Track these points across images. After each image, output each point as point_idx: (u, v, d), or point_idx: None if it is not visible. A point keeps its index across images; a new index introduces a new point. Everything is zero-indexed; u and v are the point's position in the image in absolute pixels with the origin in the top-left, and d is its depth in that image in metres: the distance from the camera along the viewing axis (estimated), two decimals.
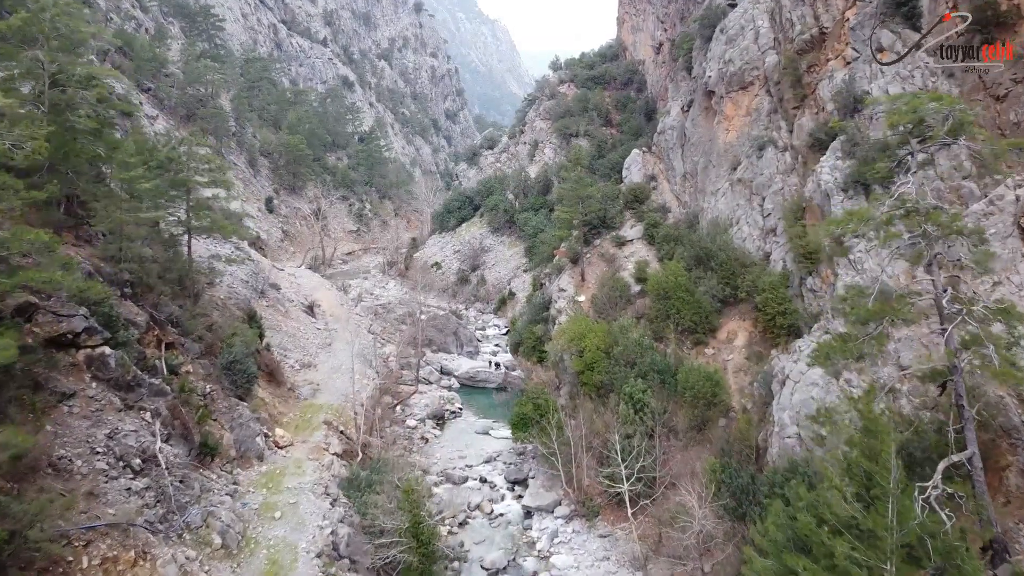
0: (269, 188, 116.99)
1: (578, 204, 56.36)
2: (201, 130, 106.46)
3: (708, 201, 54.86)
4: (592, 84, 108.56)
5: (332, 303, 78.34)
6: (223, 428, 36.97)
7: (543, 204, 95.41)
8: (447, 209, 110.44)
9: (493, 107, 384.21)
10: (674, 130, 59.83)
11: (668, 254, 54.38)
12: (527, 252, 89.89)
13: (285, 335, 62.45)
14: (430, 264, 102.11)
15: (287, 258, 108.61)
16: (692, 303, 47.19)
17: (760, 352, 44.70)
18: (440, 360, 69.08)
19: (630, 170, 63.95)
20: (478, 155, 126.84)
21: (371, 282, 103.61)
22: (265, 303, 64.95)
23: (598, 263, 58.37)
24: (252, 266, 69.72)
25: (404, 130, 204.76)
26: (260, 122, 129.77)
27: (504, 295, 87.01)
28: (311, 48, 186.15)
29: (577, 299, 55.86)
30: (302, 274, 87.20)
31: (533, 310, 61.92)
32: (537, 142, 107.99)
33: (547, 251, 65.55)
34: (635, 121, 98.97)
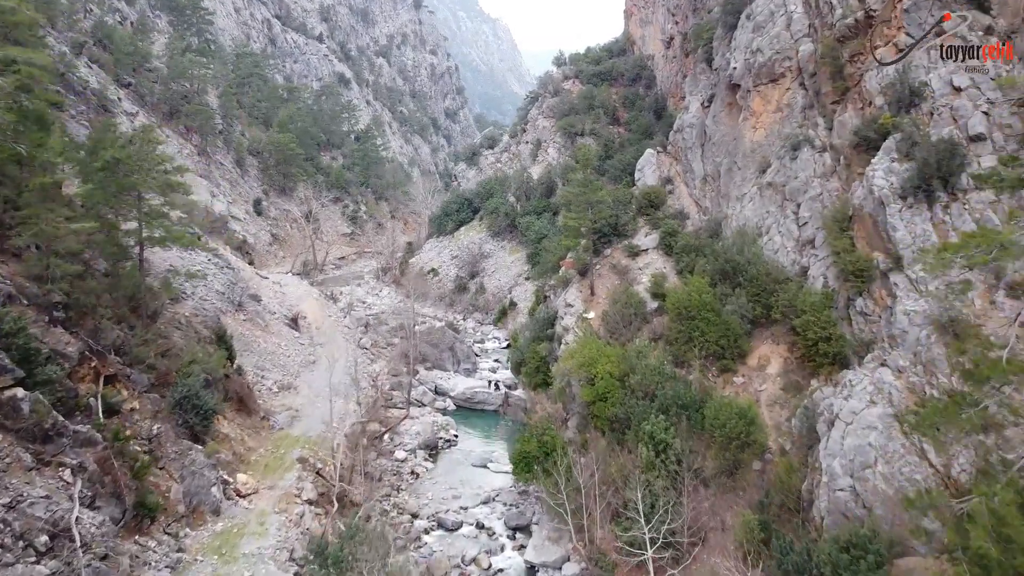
0: (258, 189, 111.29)
1: (587, 210, 50.60)
2: (186, 127, 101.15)
3: (733, 207, 49.08)
4: (598, 80, 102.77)
5: (319, 314, 72.63)
6: (172, 478, 31.23)
7: (546, 207, 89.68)
8: (445, 212, 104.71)
9: (494, 106, 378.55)
10: (693, 128, 54.07)
11: (688, 266, 48.59)
12: (529, 259, 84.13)
13: (263, 353, 56.74)
14: (426, 270, 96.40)
15: (276, 263, 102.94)
16: (718, 324, 41.40)
17: (798, 382, 38.91)
18: (435, 379, 63.30)
19: (643, 172, 58.20)
20: (478, 155, 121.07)
21: (364, 289, 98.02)
22: (243, 317, 59.25)
23: (609, 275, 52.62)
24: (230, 275, 64.06)
25: (402, 129, 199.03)
26: (250, 120, 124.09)
27: (505, 305, 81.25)
28: (306, 44, 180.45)
29: (586, 316, 50.10)
30: (288, 282, 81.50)
31: (536, 326, 56.16)
32: (540, 141, 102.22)
33: (552, 261, 59.69)
34: (644, 119, 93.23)
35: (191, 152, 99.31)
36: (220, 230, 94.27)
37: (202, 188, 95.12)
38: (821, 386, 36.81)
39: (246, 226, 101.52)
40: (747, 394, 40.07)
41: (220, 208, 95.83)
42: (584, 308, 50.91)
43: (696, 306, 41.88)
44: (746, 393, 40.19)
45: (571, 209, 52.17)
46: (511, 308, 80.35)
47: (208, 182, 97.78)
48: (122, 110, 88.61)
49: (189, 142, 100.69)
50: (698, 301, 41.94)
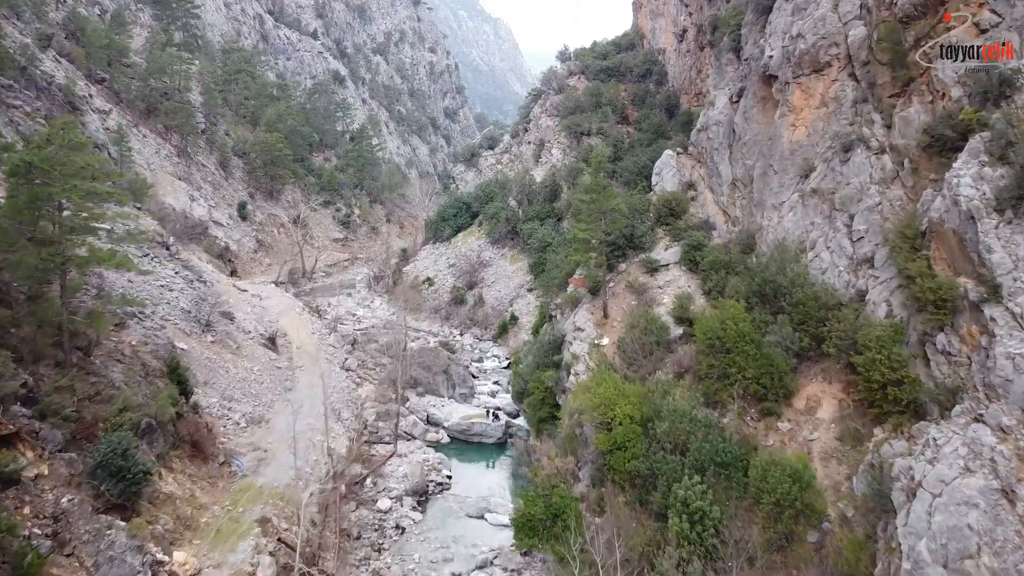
0: (243, 192, 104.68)
1: (599, 220, 43.96)
2: (165, 127, 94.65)
3: (768, 217, 42.46)
4: (605, 76, 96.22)
5: (301, 331, 66.04)
6: (82, 567, 24.62)
7: (550, 212, 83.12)
8: (441, 216, 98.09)
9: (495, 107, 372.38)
10: (720, 126, 47.46)
11: (717, 286, 42.00)
12: (532, 268, 77.56)
13: (232, 381, 50.11)
14: (421, 280, 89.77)
15: (262, 271, 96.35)
16: (759, 359, 34.80)
17: (857, 431, 32.35)
18: (427, 406, 56.67)
19: (662, 176, 51.57)
20: (477, 156, 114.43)
21: (355, 299, 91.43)
22: (210, 338, 52.65)
23: (624, 295, 45.98)
24: (199, 290, 57.49)
25: (400, 129, 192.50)
26: (236, 119, 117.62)
27: (505, 320, 74.64)
28: (300, 41, 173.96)
29: (599, 342, 43.51)
30: (270, 294, 74.88)
31: (541, 350, 49.56)
32: (543, 141, 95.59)
33: (558, 277, 52.94)
34: (655, 118, 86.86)
35: (170, 153, 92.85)
36: (199, 236, 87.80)
37: (181, 191, 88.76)
38: (889, 439, 30.26)
39: (229, 232, 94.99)
40: (795, 444, 33.47)
41: (200, 213, 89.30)
42: (596, 333, 44.30)
43: (732, 337, 35.23)
44: (793, 443, 33.59)
45: (581, 219, 45.54)
46: (512, 323, 73.76)
47: (188, 185, 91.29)
48: (93, 108, 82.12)
49: (168, 142, 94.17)
50: (734, 331, 35.30)
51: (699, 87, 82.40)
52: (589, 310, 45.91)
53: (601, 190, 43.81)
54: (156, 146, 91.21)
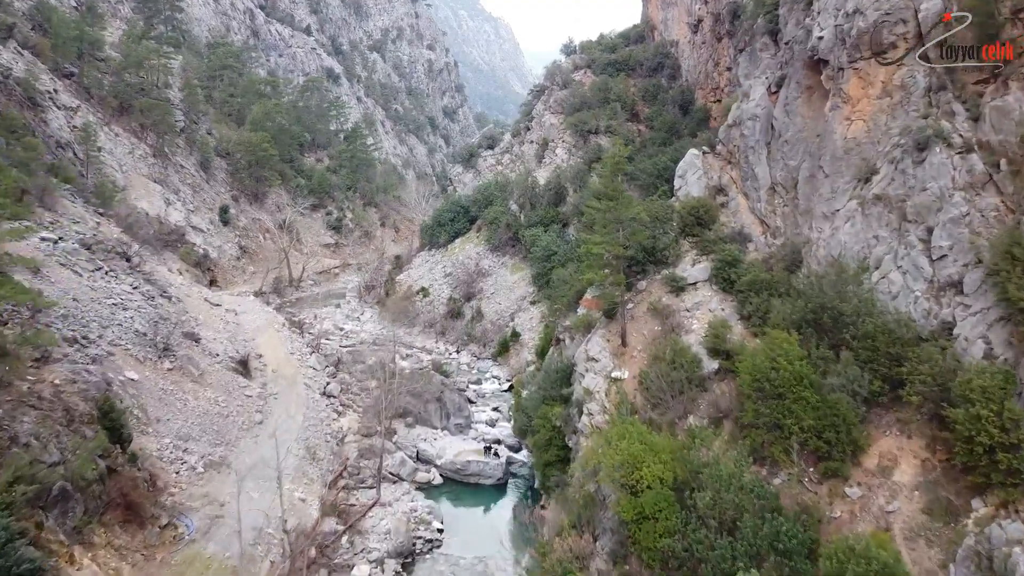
0: (226, 195, 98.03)
1: (616, 231, 37.18)
2: (140, 125, 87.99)
3: (818, 228, 35.69)
4: (614, 71, 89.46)
5: (279, 352, 59.37)
6: None
7: (555, 217, 76.42)
8: (437, 221, 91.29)
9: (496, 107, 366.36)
10: (756, 121, 40.71)
11: (758, 311, 35.24)
12: (535, 280, 70.85)
13: (191, 416, 43.38)
14: (415, 290, 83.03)
15: (244, 280, 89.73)
16: (819, 406, 28.05)
17: (950, 501, 25.65)
18: (417, 440, 49.94)
19: (685, 179, 44.81)
20: (475, 156, 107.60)
21: (343, 311, 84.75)
22: (168, 365, 45.92)
23: (645, 318, 39.22)
24: (160, 309, 50.83)
25: (396, 128, 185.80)
26: (221, 117, 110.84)
27: (506, 336, 67.91)
28: (292, 36, 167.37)
29: (616, 376, 36.76)
30: (247, 308, 68.21)
31: (548, 380, 42.80)
32: (547, 141, 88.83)
33: (567, 295, 45.98)
34: (668, 115, 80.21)
35: (145, 154, 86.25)
36: (175, 244, 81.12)
37: (155, 195, 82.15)
38: (998, 518, 23.59)
39: (209, 238, 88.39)
40: (869, 517, 26.71)
41: (176, 218, 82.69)
42: (613, 365, 37.53)
43: (786, 380, 28.47)
44: (867, 515, 26.84)
45: (594, 230, 38.76)
46: (514, 340, 67.03)
47: (164, 188, 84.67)
48: (58, 104, 75.42)
49: (143, 142, 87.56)
50: (788, 372, 28.52)
51: (716, 81, 75.84)
52: (604, 336, 39.12)
53: (618, 196, 37.03)
54: (129, 146, 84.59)
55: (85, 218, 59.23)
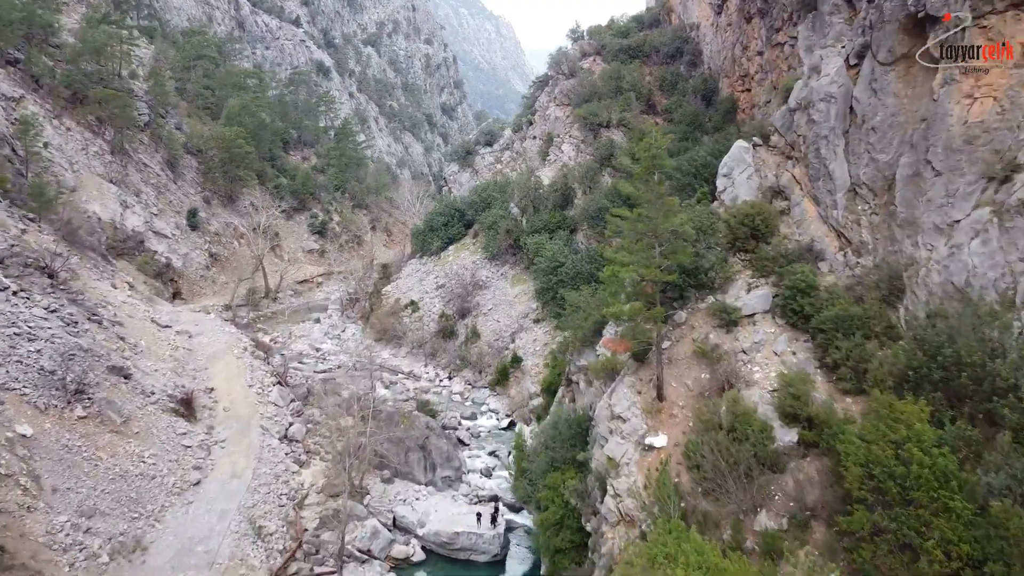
0: (196, 197, 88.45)
1: (652, 248, 27.67)
2: (98, 119, 78.46)
3: (929, 244, 26.15)
4: (627, 57, 79.91)
5: (235, 384, 49.82)
6: None
7: (561, 222, 66.95)
8: (429, 226, 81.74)
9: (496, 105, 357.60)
10: (830, 104, 31.15)
11: (850, 359, 25.68)
12: (539, 295, 61.40)
13: (102, 480, 33.94)
14: (403, 304, 73.50)
15: (214, 291, 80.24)
16: (978, 523, 18.58)
17: None
18: (394, 502, 40.43)
19: (732, 179, 35.22)
20: (473, 154, 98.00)
21: (323, 327, 75.29)
22: (80, 412, 36.41)
23: (687, 362, 29.73)
24: (81, 338, 41.32)
25: (391, 125, 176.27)
26: (194, 111, 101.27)
27: (506, 361, 58.41)
28: (280, 28, 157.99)
29: (651, 443, 27.25)
30: (205, 327, 58.65)
31: (558, 437, 33.25)
32: (552, 136, 79.32)
33: (584, 327, 36.03)
34: (688, 106, 70.83)
35: (101, 150, 76.75)
36: (132, 252, 71.77)
37: (110, 197, 72.66)
38: None
39: (174, 245, 78.94)
40: None
41: (135, 222, 73.20)
42: (647, 427, 27.98)
43: (923, 480, 18.96)
44: None
45: (625, 245, 29.20)
46: (514, 366, 57.56)
47: (121, 188, 75.12)
48: None
49: (100, 137, 78.02)
50: (923, 466, 19.02)
51: (745, 67, 66.53)
52: (633, 387, 29.56)
53: (655, 201, 27.49)
54: (83, 142, 75.14)
55: (7, 225, 49.91)
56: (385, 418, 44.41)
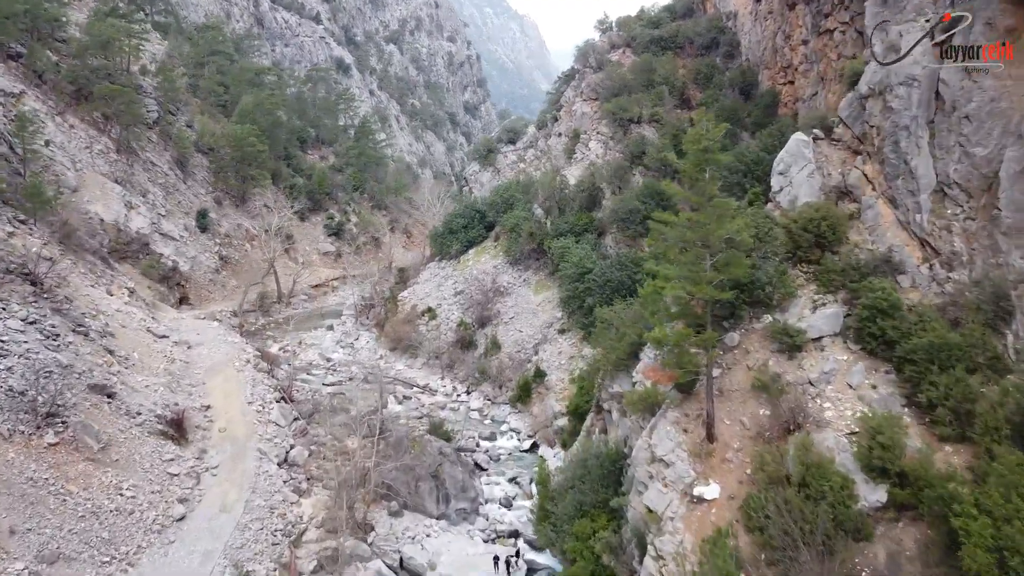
0: (207, 197, 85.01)
1: (703, 260, 23.09)
2: (104, 116, 75.23)
3: None
4: (658, 49, 75.07)
5: (234, 400, 45.81)
6: None
7: (588, 225, 62.36)
8: (448, 228, 77.44)
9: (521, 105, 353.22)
10: (913, 88, 26.25)
11: (947, 399, 20.88)
12: (565, 303, 56.87)
13: (68, 519, 29.99)
14: (419, 311, 69.30)
15: (224, 296, 76.65)
16: None
17: None
18: (401, 540, 36.06)
19: (790, 177, 30.41)
20: (494, 152, 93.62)
21: (335, 335, 71.41)
22: (50, 439, 32.54)
23: (742, 393, 25.11)
24: (61, 353, 37.52)
25: (412, 124, 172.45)
26: (207, 108, 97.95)
27: (528, 376, 53.90)
28: (300, 25, 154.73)
29: (701, 494, 22.65)
30: (207, 337, 54.86)
31: (588, 476, 28.72)
32: (578, 133, 74.71)
33: (618, 349, 31.20)
34: (725, 100, 65.86)
35: (106, 149, 73.41)
36: (136, 255, 68.33)
37: (114, 198, 69.18)
38: None
39: (182, 247, 75.44)
40: None
41: (139, 224, 69.71)
42: (695, 474, 23.37)
43: None
44: None
45: (665, 255, 24.62)
46: (537, 381, 53.06)
47: (126, 188, 71.71)
48: None
49: (106, 135, 74.75)
50: None
51: (788, 58, 61.63)
52: (679, 424, 24.93)
53: (707, 203, 22.91)
54: (87, 139, 71.87)
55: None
56: (394, 443, 40.13)
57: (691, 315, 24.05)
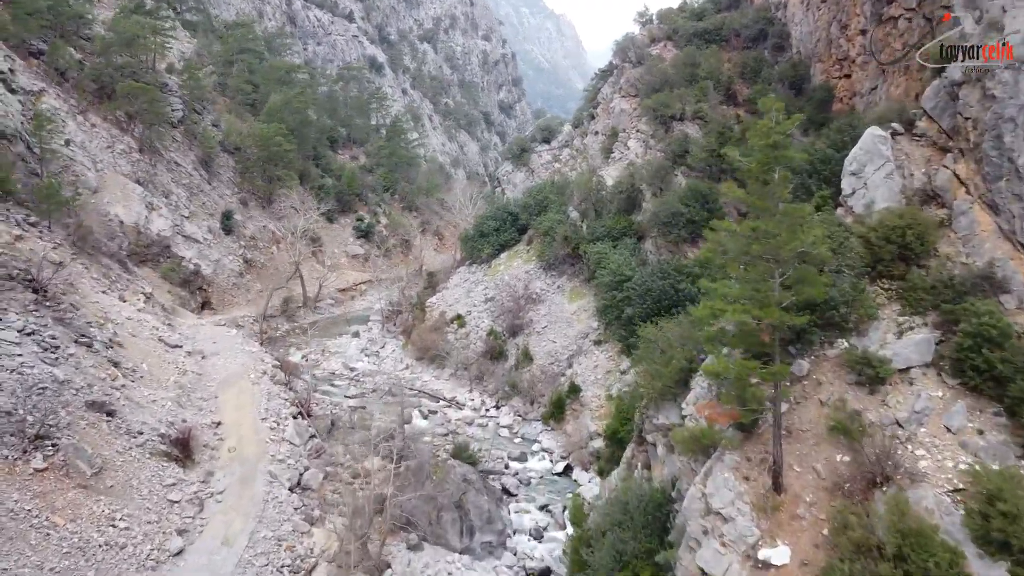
0: (232, 198, 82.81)
1: (772, 275, 19.30)
2: (127, 115, 73.30)
3: None
4: (702, 42, 70.82)
5: (247, 416, 42.88)
6: None
7: (627, 228, 58.51)
8: (480, 231, 74.00)
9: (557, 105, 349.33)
10: (1019, 73, 22.16)
11: None
12: (602, 313, 53.12)
13: (51, 557, 27.09)
14: (448, 318, 66.03)
15: (248, 300, 74.21)
16: None
17: None
18: None
19: (864, 178, 26.28)
20: (528, 152, 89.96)
21: (361, 342, 68.56)
22: (37, 464, 29.78)
23: (814, 435, 21.23)
24: (61, 367, 34.88)
25: (446, 123, 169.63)
26: (235, 107, 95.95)
27: (561, 391, 50.27)
28: (332, 23, 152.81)
29: (766, 557, 18.89)
30: (224, 345, 52.17)
31: (630, 523, 24.94)
32: (616, 131, 70.82)
33: (666, 375, 27.12)
34: (776, 95, 61.06)
35: (128, 148, 71.45)
36: (157, 258, 66.18)
37: (135, 199, 67.10)
38: None
39: (205, 250, 73.24)
40: None
41: (161, 226, 67.56)
42: (759, 533, 19.54)
43: None
44: None
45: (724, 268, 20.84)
46: (571, 397, 49.41)
47: (148, 189, 69.64)
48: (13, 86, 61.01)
49: (128, 134, 72.80)
50: None
51: (844, 50, 57.23)
52: (739, 470, 21.13)
53: (775, 207, 19.10)
54: (109, 139, 69.95)
55: None
56: (415, 468, 36.77)
57: (754, 342, 20.21)
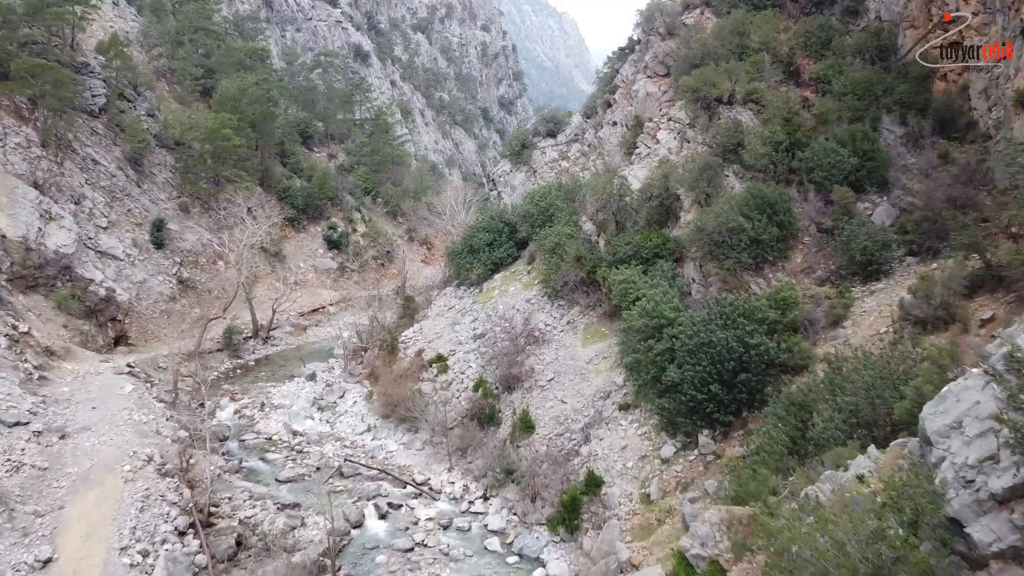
0: (168, 204, 67.90)
1: None
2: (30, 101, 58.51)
3: None
4: (750, 7, 55.80)
5: (96, 545, 27.91)
6: None
7: (660, 247, 43.35)
8: (469, 246, 58.87)
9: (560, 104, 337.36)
10: None
11: None
12: (630, 365, 37.96)
13: None
14: (427, 359, 51.10)
15: (179, 333, 59.02)
16: None
17: None
18: None
19: None
20: (529, 148, 74.91)
21: (315, 388, 53.80)
22: None
23: None
24: None
25: (439, 119, 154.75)
26: (181, 94, 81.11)
27: (576, 488, 35.07)
28: (313, 8, 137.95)
29: None
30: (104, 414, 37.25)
31: None
32: (641, 121, 55.76)
33: (761, 485, 12.37)
34: (853, 72, 46.59)
35: (26, 142, 56.59)
36: (52, 281, 51.43)
37: (25, 205, 52.15)
38: None
39: (127, 269, 58.42)
40: None
41: (61, 240, 52.66)
42: None
43: None
44: None
45: None
46: (590, 494, 34.30)
47: (46, 194, 54.76)
48: None
49: (29, 125, 57.99)
50: None
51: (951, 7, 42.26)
52: None
53: None
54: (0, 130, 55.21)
55: None
56: None
57: None
